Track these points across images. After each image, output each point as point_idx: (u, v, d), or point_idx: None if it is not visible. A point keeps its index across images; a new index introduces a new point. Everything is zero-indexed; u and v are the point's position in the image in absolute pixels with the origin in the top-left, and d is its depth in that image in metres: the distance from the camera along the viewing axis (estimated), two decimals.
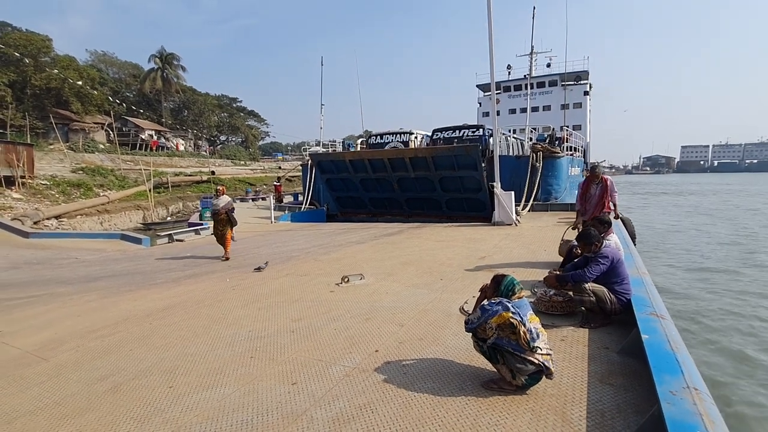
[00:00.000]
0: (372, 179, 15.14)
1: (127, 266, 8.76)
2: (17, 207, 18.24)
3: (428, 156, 13.40)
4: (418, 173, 13.96)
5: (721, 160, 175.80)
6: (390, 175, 14.53)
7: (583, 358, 3.05)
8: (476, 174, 12.64)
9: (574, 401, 2.50)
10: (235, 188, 33.74)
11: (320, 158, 16.43)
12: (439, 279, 5.64)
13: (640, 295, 3.74)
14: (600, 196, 6.29)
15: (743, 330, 7.88)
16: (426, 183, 14.16)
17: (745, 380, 6.10)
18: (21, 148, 21.42)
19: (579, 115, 30.22)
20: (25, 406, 2.95)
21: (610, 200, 6.24)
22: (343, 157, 15.56)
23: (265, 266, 7.10)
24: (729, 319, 8.43)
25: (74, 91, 35.24)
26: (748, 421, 5.18)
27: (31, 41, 33.75)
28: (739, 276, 11.81)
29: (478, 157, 12.14)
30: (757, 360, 6.68)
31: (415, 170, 13.89)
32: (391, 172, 14.40)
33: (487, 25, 10.44)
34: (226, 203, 8.46)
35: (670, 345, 2.70)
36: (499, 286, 2.74)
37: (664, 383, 2.23)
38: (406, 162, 13.84)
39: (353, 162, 15.14)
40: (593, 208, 6.29)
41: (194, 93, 55.36)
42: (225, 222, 8.40)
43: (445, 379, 2.85)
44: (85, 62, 45.35)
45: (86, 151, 31.53)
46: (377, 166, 14.60)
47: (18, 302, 6.17)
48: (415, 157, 13.70)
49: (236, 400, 2.77)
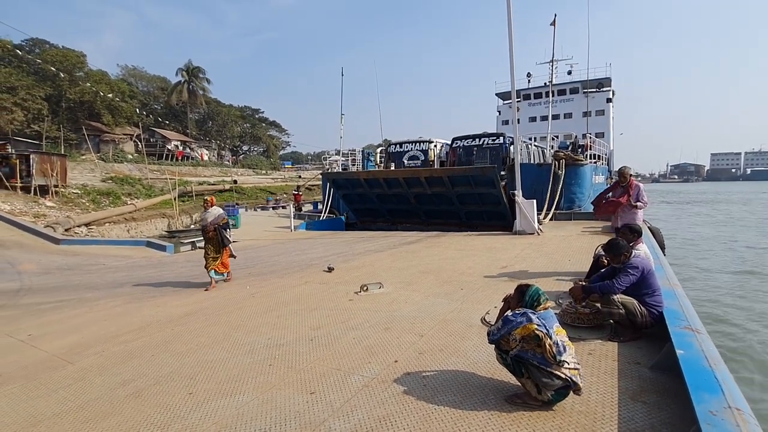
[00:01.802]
0: (388, 194, 14.97)
1: (152, 273, 8.96)
2: (50, 215, 19.00)
3: (444, 176, 13.22)
4: (434, 190, 13.70)
5: (755, 168, 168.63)
6: (406, 191, 14.31)
7: (613, 373, 2.91)
8: (494, 191, 12.34)
9: (604, 419, 2.37)
10: (257, 197, 34.32)
11: (335, 176, 16.32)
12: (460, 288, 5.54)
13: (673, 308, 3.56)
14: (621, 194, 6.02)
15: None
16: (443, 198, 13.91)
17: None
18: (55, 158, 22.40)
19: (601, 123, 29.60)
20: (51, 409, 3.01)
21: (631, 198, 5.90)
22: (358, 177, 15.37)
23: (333, 268, 7.30)
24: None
25: (105, 103, 36.79)
26: None
27: (66, 57, 35.49)
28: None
29: (496, 177, 11.85)
30: None
31: (431, 187, 13.65)
32: (407, 188, 14.16)
33: (507, 34, 10.38)
34: (216, 217, 6.92)
35: (708, 361, 2.54)
36: (523, 296, 2.65)
37: (703, 402, 2.09)
38: (421, 180, 13.63)
39: (368, 180, 14.97)
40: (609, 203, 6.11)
41: (218, 104, 56.98)
42: (215, 241, 6.85)
43: (467, 392, 2.76)
44: (116, 76, 47.42)
45: (116, 161, 32.72)
46: (393, 183, 14.37)
47: (48, 306, 6.38)
48: (431, 176, 13.51)
49: (255, 408, 2.75)
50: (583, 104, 29.34)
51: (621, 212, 6.06)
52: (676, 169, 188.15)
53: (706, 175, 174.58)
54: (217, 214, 6.96)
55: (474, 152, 15.72)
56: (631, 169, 6.19)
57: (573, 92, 30.71)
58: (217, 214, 6.97)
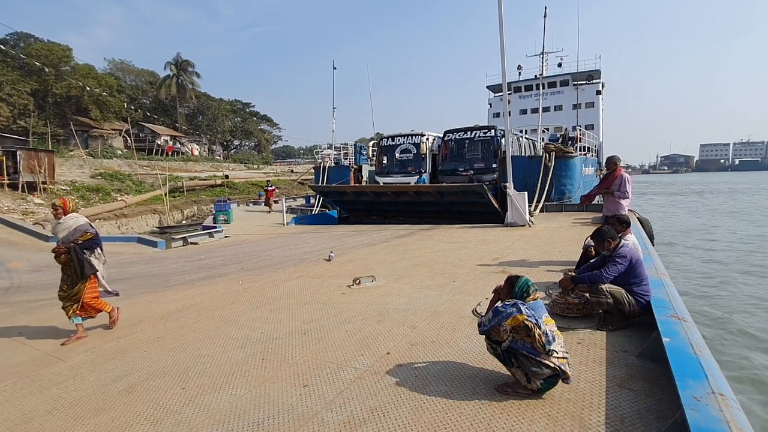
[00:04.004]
0: (377, 201, 15.27)
1: (143, 269, 8.89)
2: (39, 212, 18.74)
3: (433, 191, 13.46)
4: (424, 199, 13.90)
5: (743, 159, 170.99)
6: (396, 201, 14.56)
7: (601, 361, 2.96)
8: (484, 201, 12.46)
9: (592, 406, 2.42)
10: (249, 192, 34.12)
11: (322, 189, 16.58)
12: (452, 281, 5.58)
13: (660, 297, 3.62)
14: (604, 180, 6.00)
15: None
16: (434, 204, 14.12)
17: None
18: (42, 154, 22.05)
19: (591, 115, 29.73)
20: (43, 406, 2.99)
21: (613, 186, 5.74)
22: (345, 190, 15.70)
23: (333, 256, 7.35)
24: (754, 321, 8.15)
25: (93, 98, 36.18)
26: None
27: (52, 51, 34.80)
28: None
29: (485, 191, 11.97)
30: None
31: (420, 197, 13.87)
32: (396, 198, 14.40)
33: (498, 26, 10.35)
34: (70, 231, 4.35)
35: (692, 348, 2.59)
36: (513, 287, 2.68)
37: (688, 388, 2.14)
38: (410, 193, 13.92)
39: (356, 193, 15.29)
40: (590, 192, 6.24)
41: (208, 98, 56.36)
42: (70, 270, 4.35)
43: (458, 382, 2.80)
44: (103, 71, 46.55)
45: (104, 157, 32.30)
46: (381, 194, 14.64)
47: (40, 304, 6.31)
48: (420, 191, 13.79)
49: (248, 401, 2.76)
50: (573, 96, 29.44)
51: (606, 201, 6.07)
52: (666, 161, 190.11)
53: (696, 166, 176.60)
54: (74, 227, 4.37)
55: (466, 145, 15.74)
56: (620, 159, 6.14)
57: (563, 84, 30.79)
58: (72, 226, 4.37)
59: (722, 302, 9.48)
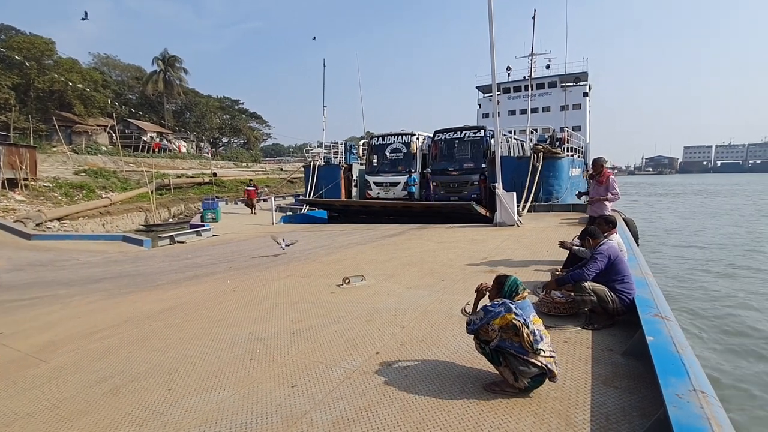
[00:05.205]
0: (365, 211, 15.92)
1: (129, 268, 8.75)
2: (20, 209, 18.28)
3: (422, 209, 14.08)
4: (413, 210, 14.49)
5: (725, 161, 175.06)
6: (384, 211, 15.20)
7: (587, 360, 3.01)
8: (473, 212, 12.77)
9: (578, 404, 2.46)
10: (237, 190, 33.77)
11: (311, 202, 17.41)
12: (441, 280, 5.61)
13: (645, 297, 3.69)
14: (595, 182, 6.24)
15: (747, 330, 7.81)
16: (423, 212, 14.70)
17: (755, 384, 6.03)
18: (24, 150, 21.49)
19: (578, 116, 30.11)
20: (24, 408, 2.93)
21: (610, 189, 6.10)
22: (333, 204, 16.76)
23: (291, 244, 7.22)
24: (730, 319, 8.36)
25: (77, 93, 35.39)
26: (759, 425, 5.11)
27: (34, 44, 33.92)
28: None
29: (473, 208, 12.32)
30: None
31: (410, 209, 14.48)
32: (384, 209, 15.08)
33: (488, 28, 10.42)
34: None
35: (675, 347, 2.65)
36: (502, 287, 2.71)
37: (670, 386, 2.19)
38: (398, 208, 14.57)
39: (345, 205, 16.40)
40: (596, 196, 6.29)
41: (196, 95, 55.54)
42: None
43: (447, 381, 2.81)
44: (87, 65, 45.53)
45: (89, 153, 31.58)
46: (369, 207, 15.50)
47: (20, 304, 6.17)
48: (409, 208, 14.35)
49: (236, 402, 2.74)
50: (561, 98, 29.80)
51: (592, 203, 6.27)
52: (651, 162, 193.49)
53: (680, 168, 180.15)
54: None
55: (456, 145, 15.82)
56: (605, 161, 6.32)
57: (551, 86, 31.11)
58: None
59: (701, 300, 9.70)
